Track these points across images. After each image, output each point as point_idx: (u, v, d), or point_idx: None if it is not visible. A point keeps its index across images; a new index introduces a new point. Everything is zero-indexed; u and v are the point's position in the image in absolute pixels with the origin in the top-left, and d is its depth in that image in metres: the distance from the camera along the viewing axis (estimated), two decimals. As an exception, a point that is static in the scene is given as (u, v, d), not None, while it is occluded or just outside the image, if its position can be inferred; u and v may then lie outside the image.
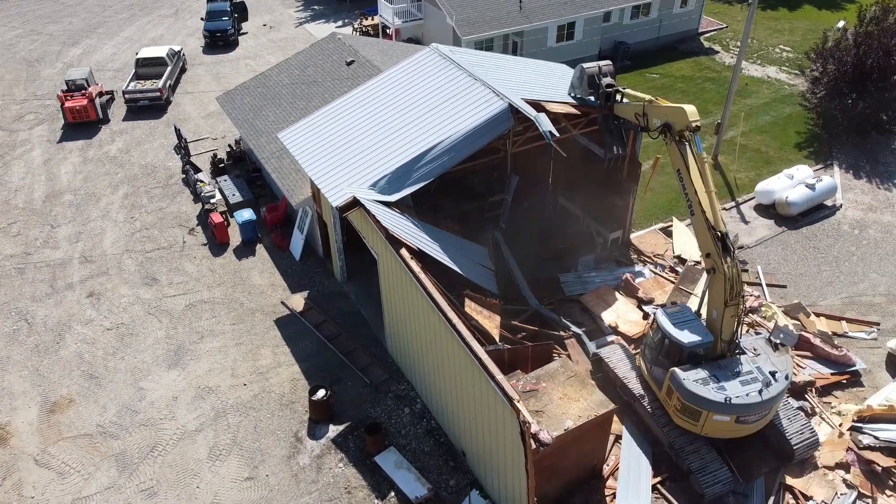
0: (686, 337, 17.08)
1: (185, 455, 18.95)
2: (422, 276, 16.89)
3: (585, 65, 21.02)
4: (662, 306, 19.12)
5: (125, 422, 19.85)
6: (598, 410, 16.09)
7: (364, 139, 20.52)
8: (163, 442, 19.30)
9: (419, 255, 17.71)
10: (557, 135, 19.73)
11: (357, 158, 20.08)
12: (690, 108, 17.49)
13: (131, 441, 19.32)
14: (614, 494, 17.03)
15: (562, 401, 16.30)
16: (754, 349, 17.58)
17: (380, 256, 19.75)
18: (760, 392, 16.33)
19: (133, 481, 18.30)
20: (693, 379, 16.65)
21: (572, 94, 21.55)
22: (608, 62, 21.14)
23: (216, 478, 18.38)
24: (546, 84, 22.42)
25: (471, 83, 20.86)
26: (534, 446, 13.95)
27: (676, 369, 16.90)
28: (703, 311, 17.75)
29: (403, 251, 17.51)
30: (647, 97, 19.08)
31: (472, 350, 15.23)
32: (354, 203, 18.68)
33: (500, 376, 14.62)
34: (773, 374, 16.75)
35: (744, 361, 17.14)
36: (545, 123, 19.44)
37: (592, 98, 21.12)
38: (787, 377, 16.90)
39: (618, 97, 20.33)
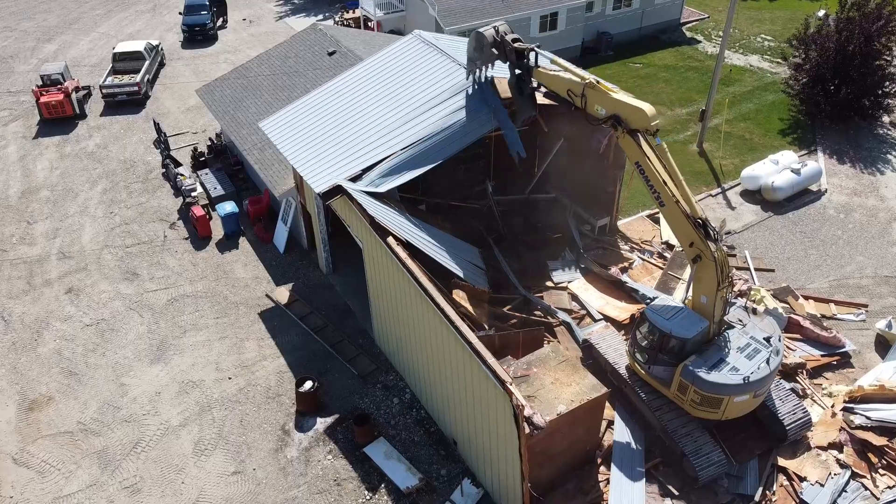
0: (685, 329, 16.68)
1: (170, 450, 18.51)
2: (408, 262, 16.58)
3: (480, 29, 18.54)
4: (647, 304, 18.79)
5: (107, 418, 19.37)
6: (590, 394, 15.88)
7: (348, 127, 20.16)
8: (146, 438, 18.83)
9: (405, 245, 17.38)
10: (525, 155, 19.65)
11: (341, 146, 19.70)
12: (650, 110, 15.35)
13: (113, 437, 18.84)
14: (608, 480, 16.83)
15: (554, 385, 16.07)
16: (739, 320, 17.46)
17: (364, 244, 19.40)
18: (768, 361, 16.26)
19: (116, 478, 17.84)
20: (706, 368, 16.33)
21: (469, 68, 19.31)
22: (503, 22, 18.70)
23: (202, 473, 17.96)
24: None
25: (454, 69, 20.54)
26: (527, 430, 13.69)
27: (687, 364, 16.49)
28: (689, 299, 17.50)
29: (390, 238, 17.19)
30: (590, 77, 16.72)
31: (462, 334, 14.93)
32: (338, 190, 18.31)
33: (491, 360, 14.34)
34: (767, 339, 16.68)
35: (737, 335, 17.00)
36: (516, 143, 19.25)
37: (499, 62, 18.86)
38: (779, 338, 16.88)
39: (532, 57, 17.93)
